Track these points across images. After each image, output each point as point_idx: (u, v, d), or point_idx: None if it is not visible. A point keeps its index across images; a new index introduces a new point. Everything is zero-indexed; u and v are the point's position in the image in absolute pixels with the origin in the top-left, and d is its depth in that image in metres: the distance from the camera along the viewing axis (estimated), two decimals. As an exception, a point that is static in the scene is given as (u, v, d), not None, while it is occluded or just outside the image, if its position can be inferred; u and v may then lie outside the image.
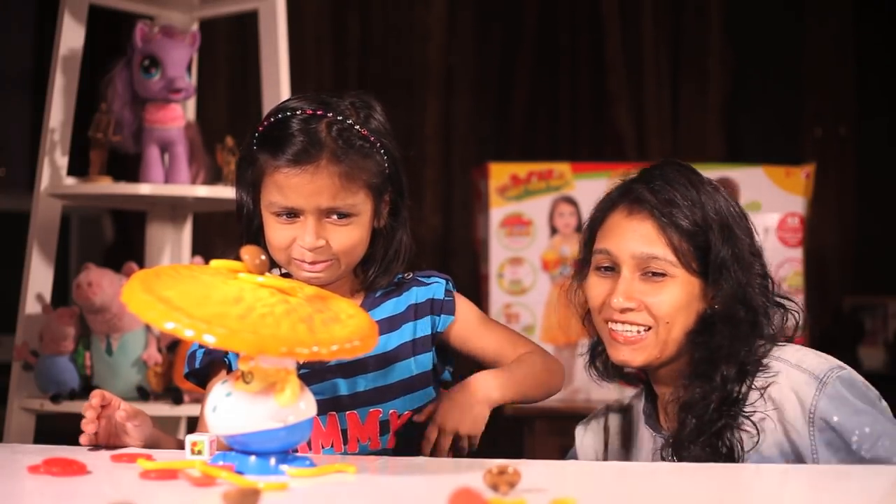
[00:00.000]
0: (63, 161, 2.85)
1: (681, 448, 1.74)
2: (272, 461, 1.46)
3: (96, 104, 2.86)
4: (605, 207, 1.84)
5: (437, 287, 1.84)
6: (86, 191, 2.85)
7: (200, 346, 1.80)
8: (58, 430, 2.82)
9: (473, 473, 1.44)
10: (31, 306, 2.83)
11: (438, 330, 1.82)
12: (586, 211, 3.38)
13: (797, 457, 1.72)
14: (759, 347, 1.77)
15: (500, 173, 3.39)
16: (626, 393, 2.06)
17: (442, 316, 1.82)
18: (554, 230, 3.39)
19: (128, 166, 2.97)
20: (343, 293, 1.79)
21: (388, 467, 1.61)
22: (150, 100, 2.82)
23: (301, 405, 1.45)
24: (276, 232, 1.76)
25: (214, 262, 1.54)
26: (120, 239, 4.42)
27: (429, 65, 4.24)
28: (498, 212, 3.38)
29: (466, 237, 3.85)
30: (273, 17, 2.99)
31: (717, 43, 4.24)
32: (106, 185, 2.83)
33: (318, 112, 1.76)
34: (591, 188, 3.39)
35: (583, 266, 1.87)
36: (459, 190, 4.12)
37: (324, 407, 1.73)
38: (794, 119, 4.22)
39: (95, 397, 1.66)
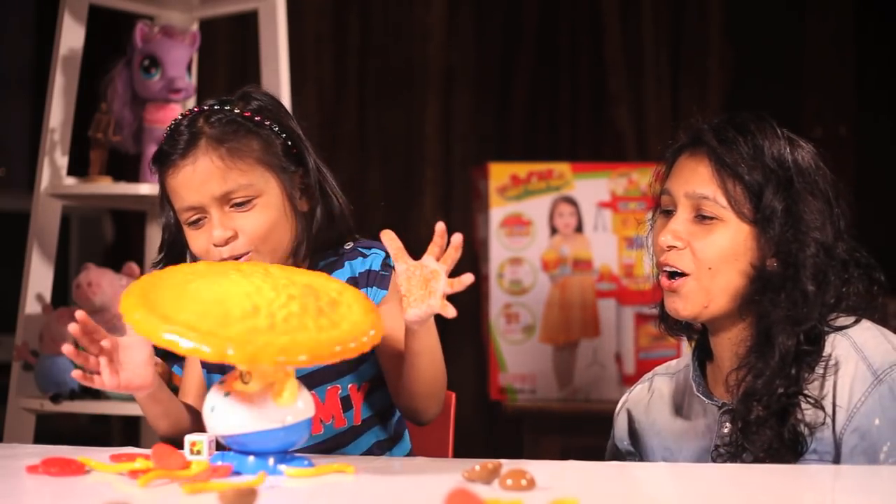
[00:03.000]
0: (63, 161, 2.85)
1: (748, 433, 1.70)
2: (270, 461, 1.46)
3: (96, 104, 2.86)
4: (677, 149, 1.83)
5: (374, 258, 1.81)
6: (86, 191, 2.85)
7: None
8: (58, 430, 2.83)
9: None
10: (31, 306, 2.83)
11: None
12: (586, 211, 3.42)
13: (826, 442, 1.67)
14: (823, 319, 1.71)
15: (500, 173, 3.39)
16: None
17: (374, 288, 1.80)
18: (554, 230, 3.39)
19: (128, 166, 2.97)
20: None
21: (386, 468, 1.61)
22: (150, 100, 2.82)
23: (299, 405, 1.45)
24: (193, 241, 1.79)
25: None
26: (120, 239, 4.41)
27: (429, 64, 4.24)
28: (498, 212, 3.38)
29: (466, 237, 3.84)
30: (273, 17, 2.99)
31: (717, 43, 4.23)
32: (106, 185, 2.83)
33: (196, 109, 1.80)
34: (591, 188, 3.39)
35: (655, 211, 1.86)
36: (459, 190, 4.12)
37: None
38: (794, 119, 4.20)
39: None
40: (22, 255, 2.86)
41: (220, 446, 1.50)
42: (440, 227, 1.63)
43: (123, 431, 4.03)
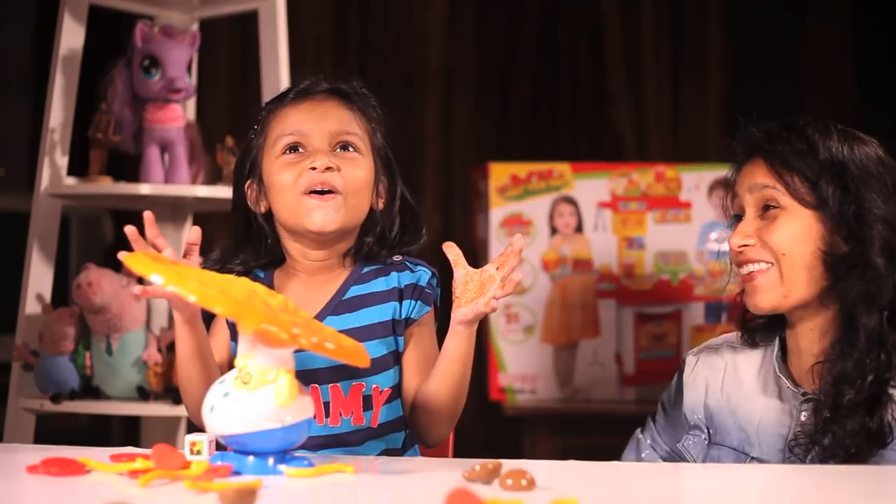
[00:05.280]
0: (63, 161, 2.85)
1: (839, 417, 1.72)
2: (270, 461, 1.46)
3: (96, 104, 2.86)
4: (738, 165, 1.89)
5: (422, 274, 1.85)
6: (86, 191, 2.85)
7: None
8: (58, 430, 2.83)
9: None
10: (31, 306, 2.83)
11: (412, 316, 1.83)
12: (586, 211, 3.42)
13: None
14: None
15: (500, 173, 3.39)
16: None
17: (419, 303, 1.84)
18: (554, 230, 3.39)
19: (128, 166, 2.97)
20: (333, 265, 1.85)
21: (386, 467, 1.61)
22: (150, 100, 2.82)
23: (299, 405, 1.45)
24: (285, 171, 1.80)
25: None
26: (120, 239, 4.41)
27: (429, 65, 4.24)
28: (498, 212, 3.38)
29: (466, 237, 3.84)
30: (273, 17, 2.99)
31: (717, 43, 4.23)
32: (106, 185, 2.83)
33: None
34: (591, 188, 3.39)
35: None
36: (459, 190, 4.12)
37: (303, 378, 1.74)
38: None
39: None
40: (22, 255, 2.86)
41: (220, 446, 1.50)
42: (517, 239, 1.70)
43: (123, 431, 4.03)
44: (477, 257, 3.59)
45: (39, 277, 2.84)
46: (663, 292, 3.36)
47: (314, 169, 1.78)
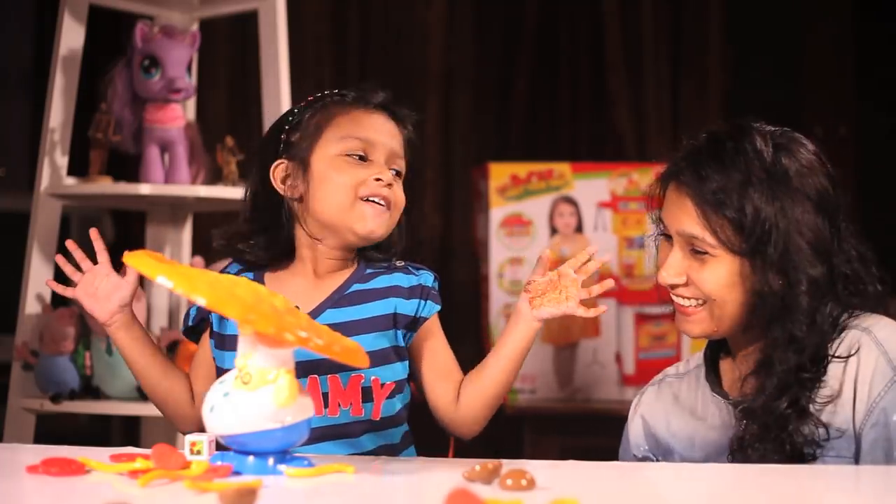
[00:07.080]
0: (63, 161, 2.85)
1: (764, 411, 1.72)
2: (270, 461, 1.46)
3: (96, 104, 2.86)
4: (667, 176, 1.85)
5: (426, 276, 1.89)
6: (86, 191, 2.85)
7: (193, 305, 1.89)
8: (58, 430, 2.83)
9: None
10: (31, 306, 2.83)
11: (422, 314, 1.86)
12: (586, 211, 3.43)
13: (846, 438, 1.69)
14: (837, 315, 1.74)
15: (500, 173, 3.39)
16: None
17: (428, 302, 1.86)
18: (554, 230, 3.39)
19: (128, 166, 2.97)
20: (340, 265, 1.87)
21: (386, 468, 1.61)
22: (150, 100, 2.82)
23: (299, 405, 1.45)
24: (347, 172, 1.84)
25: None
26: (120, 239, 4.41)
27: (429, 65, 4.24)
28: (498, 212, 3.38)
29: (466, 237, 3.85)
30: (273, 17, 2.99)
31: (717, 43, 4.23)
32: (106, 185, 2.83)
33: None
34: (591, 188, 3.39)
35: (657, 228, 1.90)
36: (459, 190, 4.12)
37: (302, 369, 1.75)
38: (794, 119, 4.20)
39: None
40: (22, 255, 2.86)
41: (220, 446, 1.50)
42: (592, 250, 1.81)
43: (123, 431, 4.03)
44: (477, 257, 3.59)
45: (39, 277, 2.84)
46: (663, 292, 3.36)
47: (379, 180, 1.83)
